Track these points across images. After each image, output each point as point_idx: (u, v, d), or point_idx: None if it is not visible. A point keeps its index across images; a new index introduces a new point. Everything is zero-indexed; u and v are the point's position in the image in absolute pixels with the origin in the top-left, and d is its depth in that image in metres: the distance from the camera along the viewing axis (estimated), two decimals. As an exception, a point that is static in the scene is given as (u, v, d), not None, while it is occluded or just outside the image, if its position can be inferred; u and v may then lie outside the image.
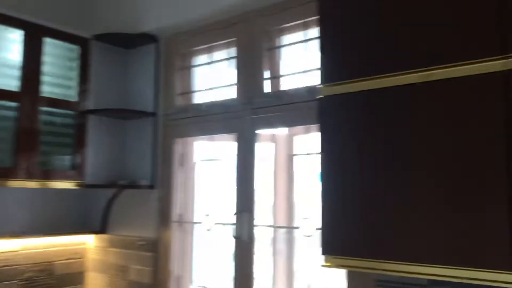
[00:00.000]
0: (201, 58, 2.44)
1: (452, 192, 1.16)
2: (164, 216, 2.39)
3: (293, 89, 2.00)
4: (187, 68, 2.48)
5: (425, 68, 1.23)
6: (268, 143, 2.12)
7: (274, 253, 2.05)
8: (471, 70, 1.16)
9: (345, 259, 1.34)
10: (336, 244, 1.36)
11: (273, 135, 2.11)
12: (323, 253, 1.37)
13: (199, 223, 2.34)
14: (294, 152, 2.05)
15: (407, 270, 1.23)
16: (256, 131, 2.09)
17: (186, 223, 2.39)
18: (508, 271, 1.07)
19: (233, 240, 2.09)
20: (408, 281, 1.54)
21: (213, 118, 2.25)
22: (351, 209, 1.33)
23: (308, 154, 2.01)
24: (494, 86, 1.13)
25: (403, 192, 1.24)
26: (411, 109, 1.25)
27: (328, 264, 1.37)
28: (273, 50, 2.12)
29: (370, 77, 1.33)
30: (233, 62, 2.24)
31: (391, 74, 1.29)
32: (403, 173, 1.25)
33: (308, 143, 2.02)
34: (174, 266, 2.35)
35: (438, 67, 1.21)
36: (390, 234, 1.26)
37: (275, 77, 2.11)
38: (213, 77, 2.36)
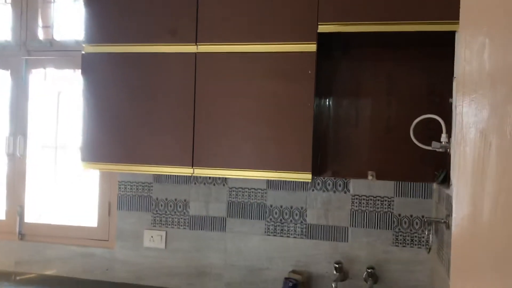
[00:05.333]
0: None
1: (164, 124, 1.97)
2: None
3: (63, 40, 2.54)
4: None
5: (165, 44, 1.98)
6: (41, 80, 2.62)
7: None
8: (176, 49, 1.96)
9: (97, 164, 2.05)
10: (92, 153, 2.05)
11: (45, 74, 2.62)
12: (82, 160, 2.05)
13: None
14: (63, 88, 2.61)
15: (138, 169, 2.02)
16: (31, 70, 2.57)
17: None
18: (188, 166, 1.94)
19: (7, 157, 2.59)
20: (138, 179, 2.36)
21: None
22: (104, 129, 2.03)
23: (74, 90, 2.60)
24: (190, 62, 1.95)
25: (141, 119, 2.00)
26: (148, 70, 2.00)
27: (86, 167, 2.06)
28: (47, 3, 2.59)
29: (126, 43, 2.01)
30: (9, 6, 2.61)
31: (141, 43, 2.00)
32: (144, 109, 2.00)
33: (75, 82, 2.60)
34: None
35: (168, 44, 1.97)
36: (130, 145, 2.01)
37: (47, 27, 2.59)
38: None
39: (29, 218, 2.61)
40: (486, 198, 0.66)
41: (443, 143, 1.73)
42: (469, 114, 0.74)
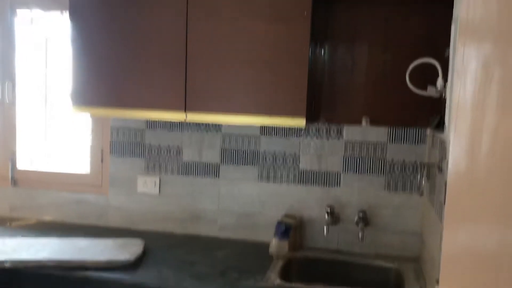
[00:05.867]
0: None
1: (156, 67, 1.92)
2: None
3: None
4: None
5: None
6: (28, 24, 2.54)
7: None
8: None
9: (88, 107, 2.02)
10: (82, 96, 2.01)
11: (32, 18, 2.53)
12: (73, 104, 2.01)
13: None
14: (51, 33, 2.54)
15: (130, 114, 1.99)
16: (16, 10, 2.50)
17: None
18: (181, 111, 1.92)
19: (-4, 103, 2.54)
20: (130, 125, 2.34)
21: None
22: (93, 72, 1.99)
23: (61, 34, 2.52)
24: (181, 2, 1.88)
25: (132, 62, 1.95)
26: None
27: (76, 111, 2.03)
28: None
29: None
30: None
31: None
32: (135, 51, 1.95)
33: (63, 25, 2.51)
34: None
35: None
36: (121, 89, 1.98)
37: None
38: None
39: (21, 165, 2.60)
40: (485, 131, 0.65)
41: (438, 88, 1.72)
42: (471, 46, 0.73)
